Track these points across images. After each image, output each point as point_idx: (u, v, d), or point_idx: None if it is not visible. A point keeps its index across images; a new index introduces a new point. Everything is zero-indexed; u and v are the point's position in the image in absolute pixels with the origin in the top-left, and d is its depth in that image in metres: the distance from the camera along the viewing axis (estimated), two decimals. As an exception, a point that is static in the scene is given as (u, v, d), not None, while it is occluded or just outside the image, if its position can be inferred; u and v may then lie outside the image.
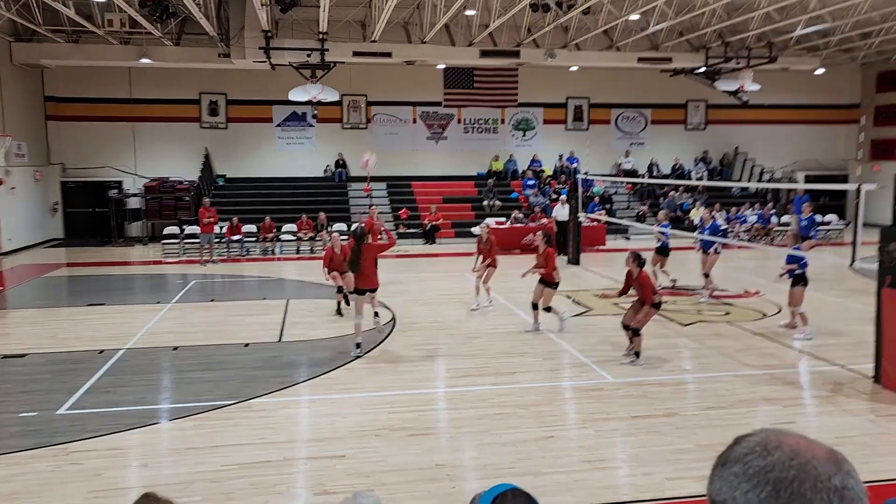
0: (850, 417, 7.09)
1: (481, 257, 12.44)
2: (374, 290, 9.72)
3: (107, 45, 19.75)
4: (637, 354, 8.98)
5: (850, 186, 11.88)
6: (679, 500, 5.35)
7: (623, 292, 9.33)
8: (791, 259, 10.23)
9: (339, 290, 12.00)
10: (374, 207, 16.31)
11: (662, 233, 13.76)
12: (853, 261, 9.46)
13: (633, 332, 8.99)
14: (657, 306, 8.98)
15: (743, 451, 0.97)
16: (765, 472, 0.92)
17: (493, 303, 12.60)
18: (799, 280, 10.27)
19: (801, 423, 7.08)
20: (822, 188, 24.44)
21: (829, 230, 23.28)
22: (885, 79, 26.54)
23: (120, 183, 23.40)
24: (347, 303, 12.07)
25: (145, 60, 20.16)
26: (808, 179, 26.26)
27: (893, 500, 3.07)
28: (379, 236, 13.13)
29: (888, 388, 7.83)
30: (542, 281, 10.67)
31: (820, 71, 24.56)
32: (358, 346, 9.48)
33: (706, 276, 13.18)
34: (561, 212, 19.32)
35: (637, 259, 9.00)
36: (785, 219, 22.83)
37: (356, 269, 9.39)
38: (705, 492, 1.02)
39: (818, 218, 21.68)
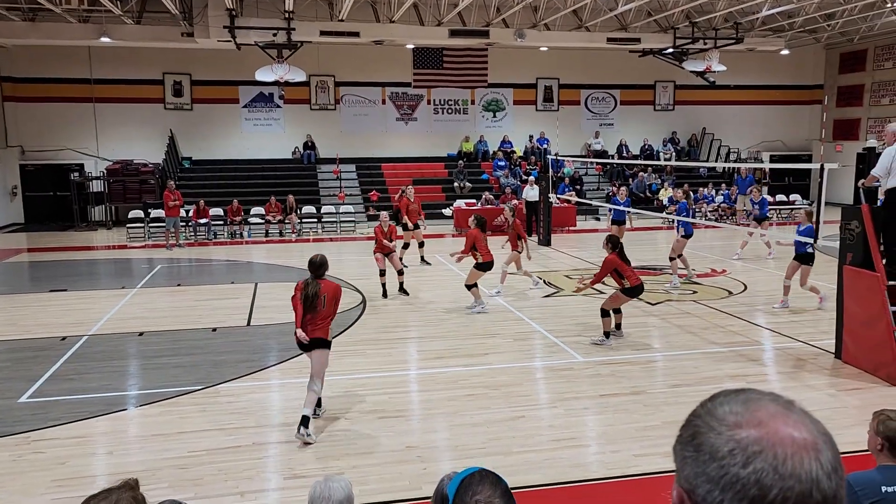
0: (812, 392, 7.25)
1: (509, 242, 12.26)
2: (326, 345, 6.52)
3: (65, 23, 19.16)
4: (606, 335, 9.04)
5: (813, 166, 12.09)
6: (646, 475, 5.42)
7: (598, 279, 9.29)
8: (806, 233, 10.14)
9: (382, 273, 11.87)
10: (410, 188, 16.01)
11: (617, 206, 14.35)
12: (816, 239, 9.63)
13: (601, 313, 9.07)
14: (626, 292, 8.94)
15: (722, 445, 0.88)
16: (743, 485, 0.85)
17: (539, 284, 12.59)
18: (807, 259, 10.41)
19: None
20: (786, 168, 24.84)
21: (793, 209, 23.68)
22: (847, 60, 26.96)
23: (81, 166, 22.86)
24: (403, 290, 11.96)
25: (105, 39, 19.61)
26: (772, 159, 26.63)
27: (854, 475, 3.13)
28: (408, 223, 13.41)
29: (848, 363, 8.02)
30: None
31: (785, 52, 24.83)
32: (305, 423, 6.15)
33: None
34: (530, 193, 19.38)
35: (607, 242, 9.04)
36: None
37: (311, 310, 6.36)
38: (672, 467, 0.97)
39: (769, 198, 22.14)
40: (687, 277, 13.14)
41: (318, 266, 6.49)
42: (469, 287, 10.72)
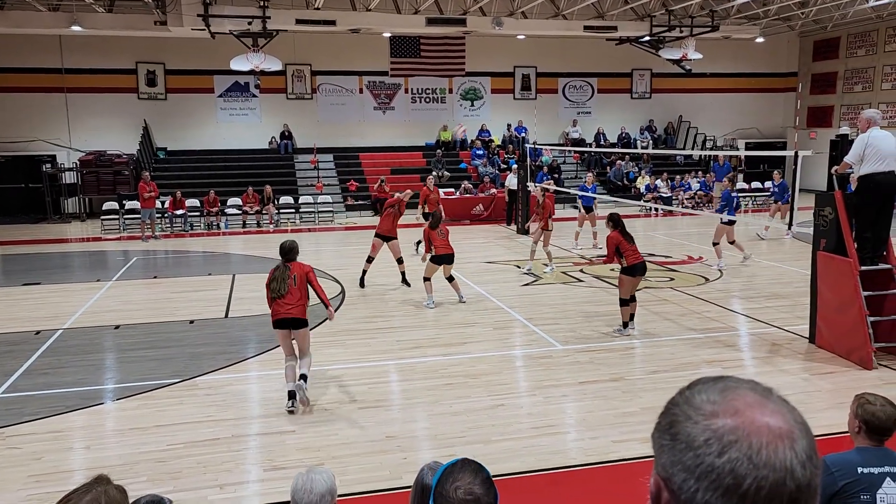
0: (786, 377, 7.36)
1: (537, 220, 12.91)
2: (304, 325, 6.69)
3: (34, 11, 18.76)
4: (625, 325, 8.91)
5: (787, 153, 12.22)
6: (625, 461, 5.48)
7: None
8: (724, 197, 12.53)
9: (370, 260, 11.67)
10: (430, 177, 16.07)
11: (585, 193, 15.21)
12: (790, 225, 9.77)
13: (620, 302, 8.93)
14: (626, 271, 8.74)
15: (698, 435, 0.88)
16: (718, 474, 0.85)
17: (552, 268, 13.05)
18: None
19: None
20: (761, 155, 25.11)
21: (768, 196, 23.94)
22: (821, 47, 27.25)
23: (54, 157, 22.44)
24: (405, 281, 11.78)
25: (76, 28, 19.23)
26: (748, 147, 26.89)
27: (830, 456, 3.19)
28: (433, 209, 13.41)
29: (822, 348, 8.15)
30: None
31: (760, 40, 25.04)
32: (292, 397, 6.58)
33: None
34: (512, 181, 19.39)
35: (608, 220, 8.93)
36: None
37: (279, 295, 6.57)
38: (650, 453, 0.97)
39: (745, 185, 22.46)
40: (744, 257, 13.37)
41: (287, 251, 6.78)
42: (425, 280, 10.54)
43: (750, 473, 0.84)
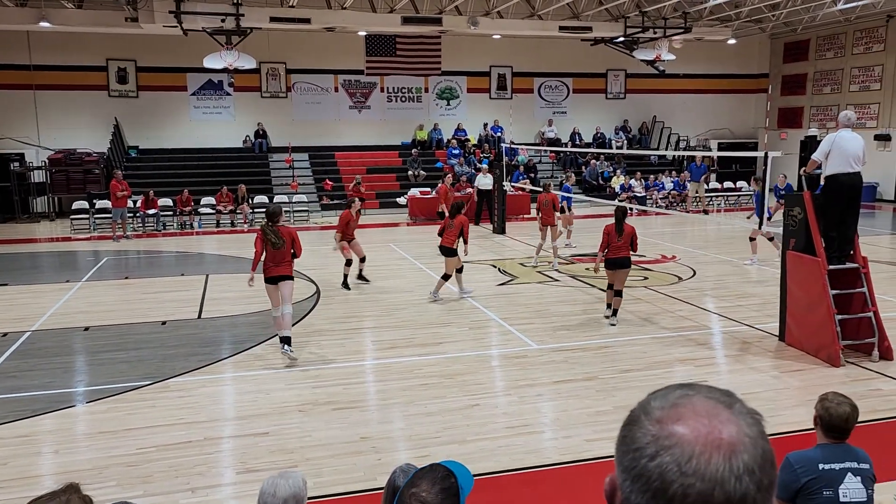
0: (756, 375, 7.47)
1: (541, 217, 13.22)
2: (291, 279, 8.12)
3: (1, 6, 18.40)
4: (608, 306, 9.65)
5: (758, 154, 12.38)
6: (598, 460, 5.52)
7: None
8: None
9: (348, 262, 11.71)
10: (448, 176, 16.05)
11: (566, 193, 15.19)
12: (761, 225, 9.91)
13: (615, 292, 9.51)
14: (606, 264, 9.39)
15: (640, 438, 0.91)
16: (648, 478, 0.87)
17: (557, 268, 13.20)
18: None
19: (713, 382, 7.39)
20: (732, 156, 25.44)
21: (740, 196, 24.28)
22: (791, 49, 27.68)
23: (22, 155, 22.02)
24: (361, 277, 12.07)
25: (45, 24, 18.88)
26: (720, 147, 27.23)
27: (794, 453, 3.25)
28: (445, 210, 13.60)
29: (791, 345, 8.28)
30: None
31: (732, 41, 25.37)
32: (287, 342, 8.02)
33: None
34: (483, 181, 19.43)
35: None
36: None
37: (278, 246, 7.87)
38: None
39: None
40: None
41: (273, 214, 8.11)
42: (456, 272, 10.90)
43: (676, 480, 0.85)
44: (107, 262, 14.77)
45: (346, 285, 11.70)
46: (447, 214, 11.02)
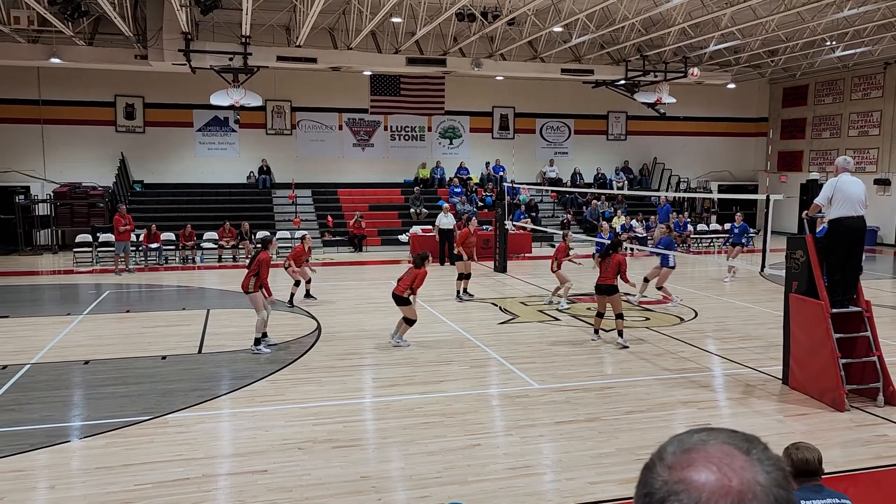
0: (760, 418, 7.40)
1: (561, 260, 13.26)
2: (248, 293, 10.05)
3: (13, 43, 18.72)
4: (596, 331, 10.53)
5: (759, 196, 12.47)
6: (601, 503, 5.44)
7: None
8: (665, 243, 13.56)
9: (297, 283, 13.39)
10: (474, 220, 15.74)
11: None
12: (763, 267, 9.92)
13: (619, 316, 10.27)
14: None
15: (653, 483, 0.93)
16: None
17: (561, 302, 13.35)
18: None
19: (716, 425, 7.33)
20: (733, 198, 25.59)
21: (726, 238, 24.28)
22: (789, 94, 28.06)
23: (27, 188, 22.19)
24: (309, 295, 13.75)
25: (55, 60, 19.20)
26: (720, 189, 27.42)
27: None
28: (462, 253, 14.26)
29: (795, 389, 8.22)
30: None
31: (731, 86, 25.74)
32: (258, 343, 9.98)
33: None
34: (444, 220, 19.42)
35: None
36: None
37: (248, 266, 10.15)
38: (631, 495, 1.01)
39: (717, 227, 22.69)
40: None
41: (260, 240, 9.85)
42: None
43: None
44: (108, 296, 14.76)
45: (291, 303, 13.19)
46: (420, 261, 10.30)
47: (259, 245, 11.14)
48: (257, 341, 9.95)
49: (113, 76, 22.35)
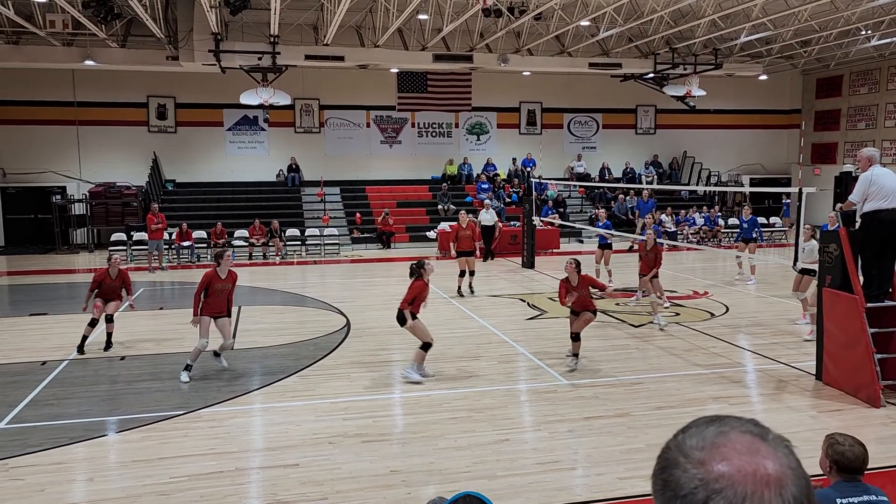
0: (793, 414, 7.31)
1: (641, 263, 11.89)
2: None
3: (48, 46, 19.15)
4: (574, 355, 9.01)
5: (792, 189, 12.28)
6: (630, 499, 5.43)
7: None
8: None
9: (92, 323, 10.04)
10: (469, 218, 15.13)
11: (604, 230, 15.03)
12: (796, 261, 9.77)
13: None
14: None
15: (686, 482, 0.88)
16: None
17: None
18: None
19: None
20: (765, 191, 25.19)
21: (773, 231, 23.97)
22: (823, 85, 27.51)
23: (64, 188, 22.71)
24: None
25: (90, 63, 19.61)
26: (752, 182, 27.00)
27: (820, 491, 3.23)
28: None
29: (829, 385, 8.09)
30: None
31: (763, 77, 25.32)
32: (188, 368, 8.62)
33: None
34: (485, 216, 19.34)
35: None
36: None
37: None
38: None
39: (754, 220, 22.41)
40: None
41: (216, 256, 9.64)
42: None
43: None
44: (142, 293, 15.03)
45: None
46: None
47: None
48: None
49: (145, 77, 22.75)
